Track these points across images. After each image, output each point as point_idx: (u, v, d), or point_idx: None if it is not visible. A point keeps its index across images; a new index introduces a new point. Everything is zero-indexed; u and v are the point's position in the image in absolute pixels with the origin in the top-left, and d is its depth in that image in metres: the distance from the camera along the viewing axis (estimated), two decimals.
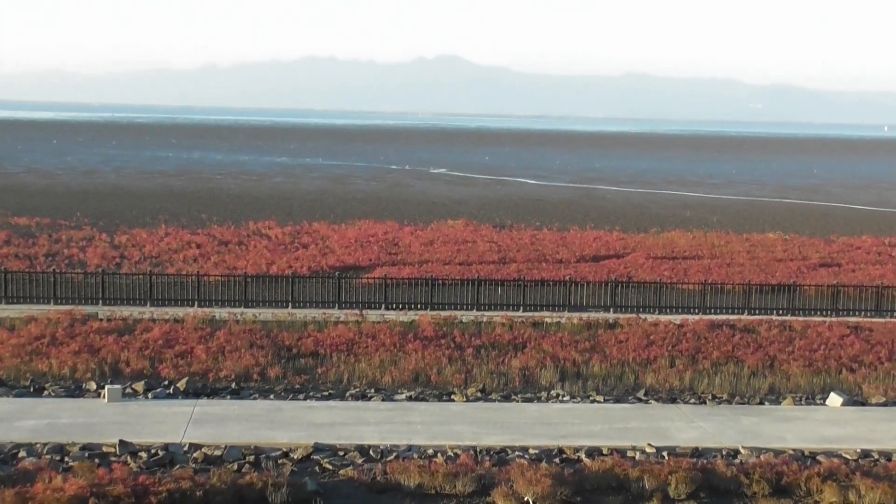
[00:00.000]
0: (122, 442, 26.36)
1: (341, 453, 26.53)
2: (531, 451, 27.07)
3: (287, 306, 45.00)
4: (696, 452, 27.31)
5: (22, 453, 25.75)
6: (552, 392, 33.30)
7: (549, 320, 43.51)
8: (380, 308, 45.27)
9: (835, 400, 32.72)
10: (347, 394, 32.49)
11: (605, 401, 32.47)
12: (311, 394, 32.32)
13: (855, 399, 33.21)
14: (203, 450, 26.24)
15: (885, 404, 33.06)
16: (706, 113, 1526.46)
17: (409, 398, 32.09)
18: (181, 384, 32.41)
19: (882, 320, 45.58)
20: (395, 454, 26.40)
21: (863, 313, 46.73)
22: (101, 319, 40.98)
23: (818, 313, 46.52)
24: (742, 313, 46.00)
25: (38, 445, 26.28)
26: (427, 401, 31.88)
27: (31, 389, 31.95)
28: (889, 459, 27.14)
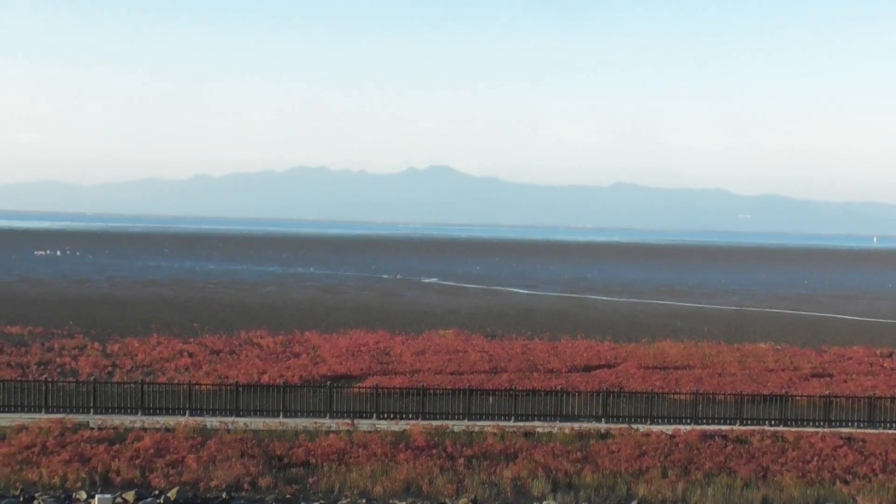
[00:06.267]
0: None
1: None
2: None
3: (278, 415, 44.92)
4: None
5: None
6: (544, 503, 33.17)
7: (540, 430, 43.44)
8: (371, 417, 45.20)
9: None
10: None
11: None
12: None
13: None
14: None
15: None
16: (695, 222, 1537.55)
17: None
18: (172, 494, 32.25)
19: (875, 431, 45.53)
20: None
21: (856, 424, 46.69)
22: (93, 428, 40.88)
23: (811, 424, 46.49)
24: (734, 424, 45.97)
25: None
26: None
27: (21, 499, 31.79)
28: None
